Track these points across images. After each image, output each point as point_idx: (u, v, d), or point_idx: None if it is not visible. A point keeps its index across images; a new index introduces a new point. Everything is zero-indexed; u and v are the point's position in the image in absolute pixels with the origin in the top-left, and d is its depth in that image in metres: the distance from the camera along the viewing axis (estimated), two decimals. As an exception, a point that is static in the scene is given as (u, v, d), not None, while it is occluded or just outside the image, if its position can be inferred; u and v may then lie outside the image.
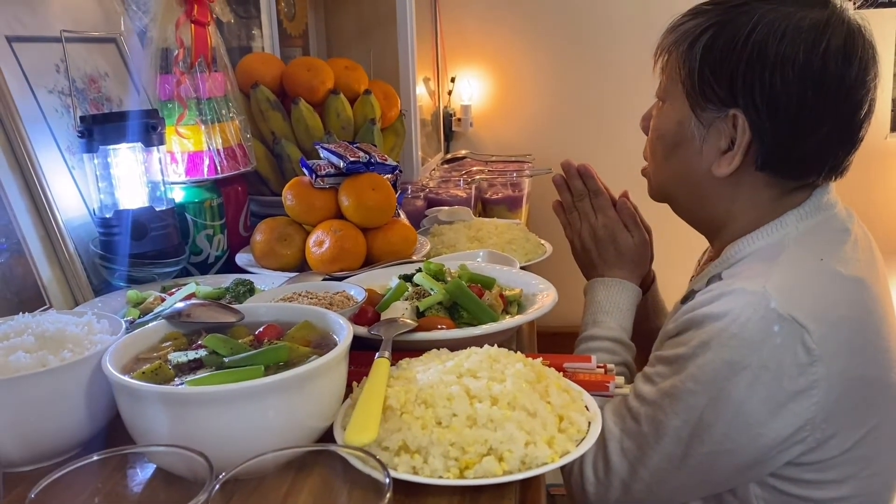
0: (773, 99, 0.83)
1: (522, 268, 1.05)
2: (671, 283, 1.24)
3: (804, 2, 0.85)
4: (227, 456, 0.49)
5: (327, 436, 0.62)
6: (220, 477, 0.45)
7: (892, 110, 1.65)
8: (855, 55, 0.83)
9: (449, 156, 1.85)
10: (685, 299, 0.92)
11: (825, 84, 0.82)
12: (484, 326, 0.79)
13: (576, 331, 1.03)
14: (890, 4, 1.50)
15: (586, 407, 0.66)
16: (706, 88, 0.87)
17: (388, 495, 0.43)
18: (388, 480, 0.44)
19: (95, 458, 0.48)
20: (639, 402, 0.84)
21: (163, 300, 0.86)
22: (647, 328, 1.12)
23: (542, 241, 1.24)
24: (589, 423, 0.64)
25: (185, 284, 0.92)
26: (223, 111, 1.10)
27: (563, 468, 0.89)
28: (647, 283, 1.14)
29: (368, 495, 0.50)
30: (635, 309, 1.05)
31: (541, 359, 0.72)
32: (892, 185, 1.80)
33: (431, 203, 1.42)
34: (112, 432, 0.66)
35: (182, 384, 0.60)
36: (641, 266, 1.08)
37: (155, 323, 0.71)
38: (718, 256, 0.92)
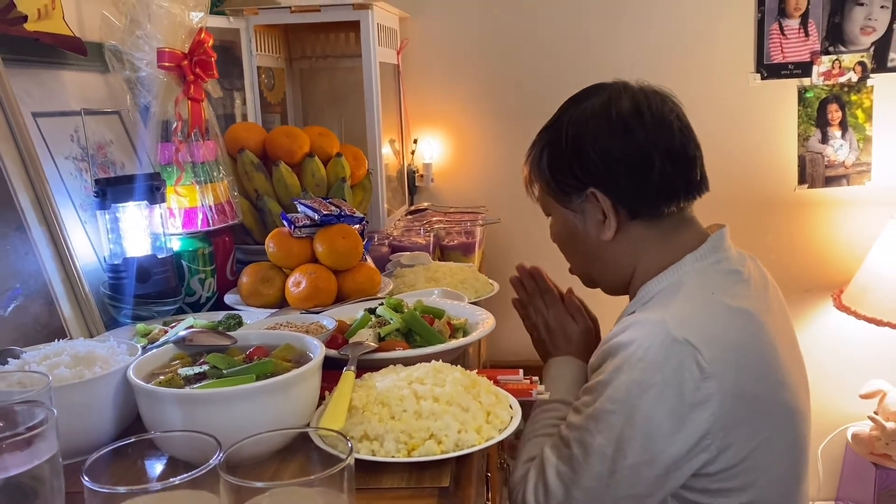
0: (606, 165, 1.00)
1: (472, 303, 1.17)
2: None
3: (591, 95, 1.05)
4: (227, 445, 0.60)
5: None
6: (227, 449, 0.60)
7: (799, 166, 1.87)
8: (644, 106, 1.00)
9: (413, 207, 1.96)
10: None
11: (629, 133, 0.99)
12: (432, 347, 0.93)
13: (522, 361, 1.15)
14: (790, 75, 1.75)
15: (511, 406, 0.81)
16: (563, 187, 1.05)
17: (349, 457, 0.58)
18: (349, 444, 0.58)
19: (133, 439, 0.61)
20: (568, 430, 0.95)
21: (166, 332, 0.98)
22: None
23: (491, 281, 1.35)
24: (511, 417, 0.78)
25: (183, 320, 1.03)
26: (214, 173, 1.22)
27: (509, 495, 1.02)
28: None
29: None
30: (581, 378, 1.15)
31: (476, 371, 0.88)
32: (801, 231, 1.99)
33: (395, 249, 1.51)
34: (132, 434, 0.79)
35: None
36: (587, 349, 1.18)
37: (165, 346, 0.84)
38: (634, 296, 1.05)
